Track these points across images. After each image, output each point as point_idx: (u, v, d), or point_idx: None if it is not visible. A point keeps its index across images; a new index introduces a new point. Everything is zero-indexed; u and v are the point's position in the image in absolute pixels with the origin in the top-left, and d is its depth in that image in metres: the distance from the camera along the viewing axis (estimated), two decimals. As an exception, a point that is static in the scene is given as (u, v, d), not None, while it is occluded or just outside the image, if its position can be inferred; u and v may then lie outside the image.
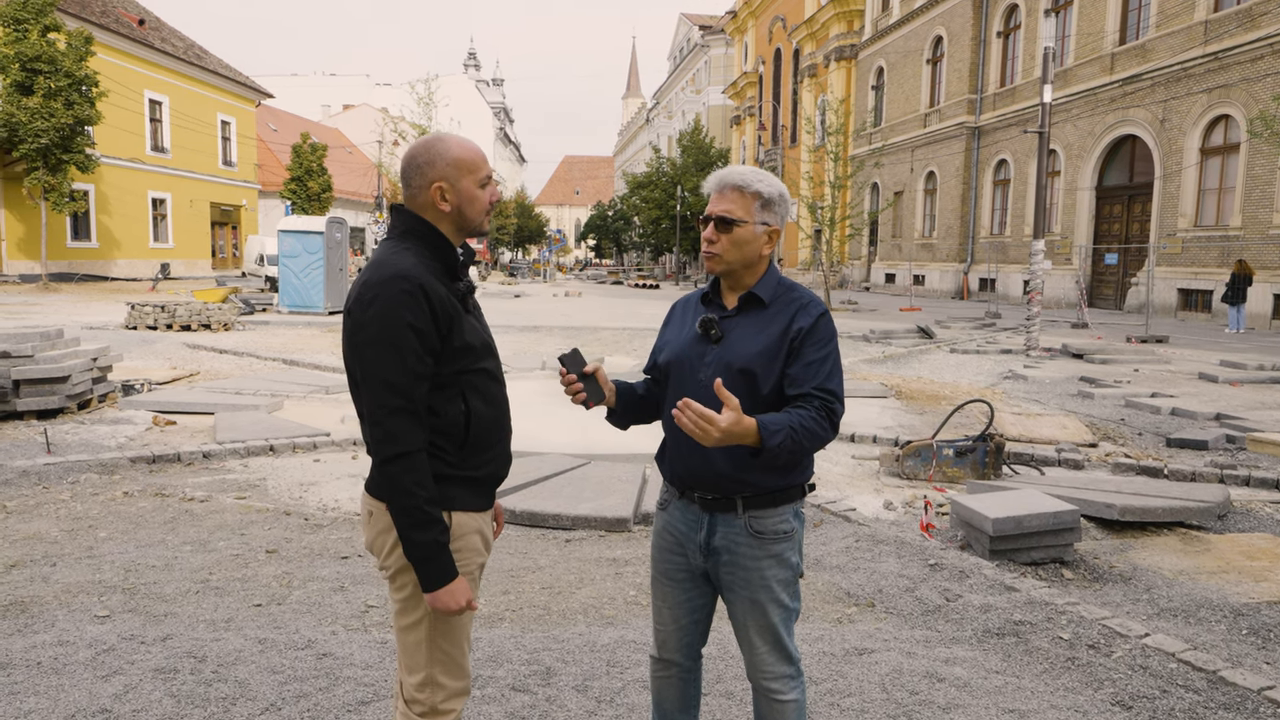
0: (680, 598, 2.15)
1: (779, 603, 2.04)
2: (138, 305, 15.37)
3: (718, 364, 2.00)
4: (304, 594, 3.93)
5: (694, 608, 2.16)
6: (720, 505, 2.03)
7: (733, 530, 2.02)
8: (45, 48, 23.61)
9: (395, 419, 1.80)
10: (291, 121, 55.90)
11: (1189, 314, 21.63)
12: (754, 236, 2.02)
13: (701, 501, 2.06)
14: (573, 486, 5.60)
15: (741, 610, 2.06)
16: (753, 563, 2.02)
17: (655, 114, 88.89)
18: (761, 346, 1.98)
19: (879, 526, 5.02)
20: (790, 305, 2.02)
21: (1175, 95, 22.11)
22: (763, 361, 1.97)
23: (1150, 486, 5.75)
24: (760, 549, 2.01)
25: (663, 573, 2.17)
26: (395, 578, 1.93)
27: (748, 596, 2.03)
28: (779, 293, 2.05)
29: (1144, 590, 4.13)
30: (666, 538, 2.15)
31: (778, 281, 2.07)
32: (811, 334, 1.97)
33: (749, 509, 2.01)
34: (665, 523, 2.16)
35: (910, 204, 36.33)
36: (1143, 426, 8.26)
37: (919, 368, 12.59)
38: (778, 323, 2.00)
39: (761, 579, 2.02)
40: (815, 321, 1.99)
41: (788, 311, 2.01)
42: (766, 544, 2.02)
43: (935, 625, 3.68)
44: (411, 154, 1.96)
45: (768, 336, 1.99)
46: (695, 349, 2.05)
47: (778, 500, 2.02)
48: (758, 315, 2.03)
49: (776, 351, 1.97)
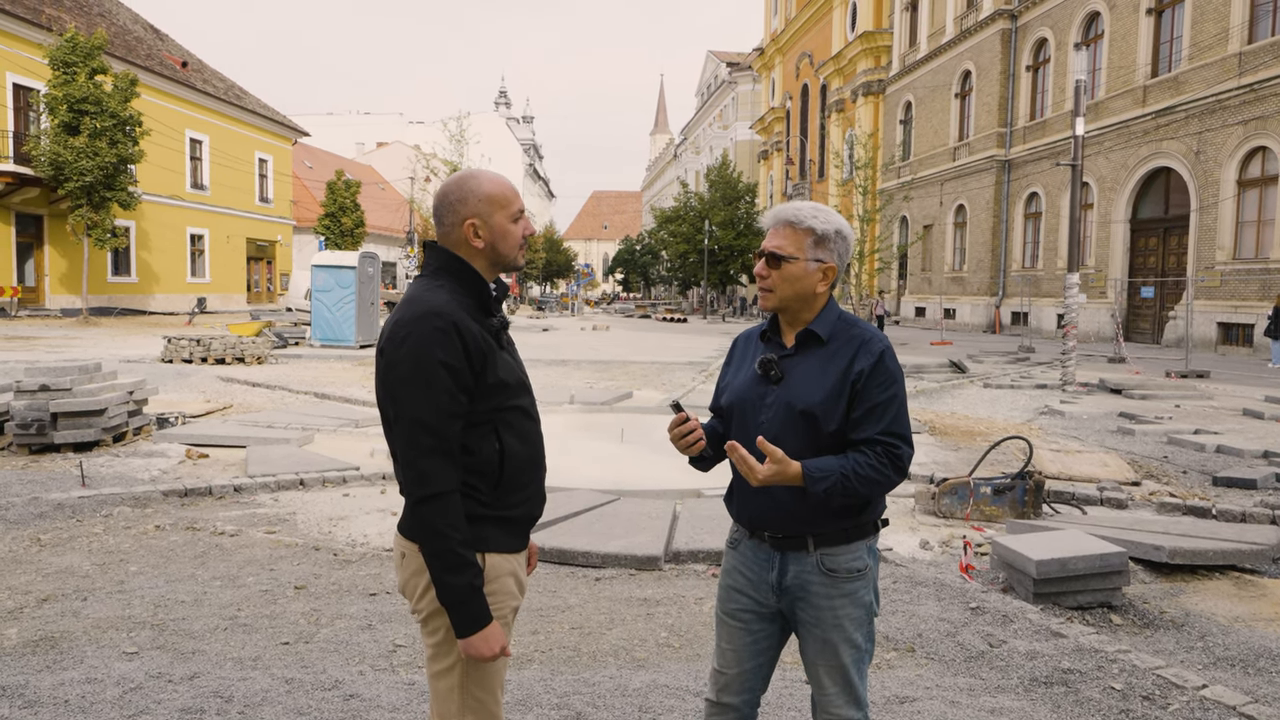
0: (746, 639, 2.09)
1: (851, 642, 1.98)
2: (174, 339, 15.62)
3: (778, 405, 1.96)
4: (332, 632, 3.88)
5: (759, 650, 2.09)
6: (791, 544, 1.99)
7: (804, 569, 1.98)
8: (92, 89, 24.37)
9: (428, 459, 1.76)
10: (327, 159, 57.13)
11: (1230, 348, 21.16)
12: (806, 273, 1.99)
13: (772, 540, 2.01)
14: (602, 523, 5.53)
15: (813, 649, 2.01)
16: (825, 601, 1.97)
17: (683, 149, 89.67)
18: (823, 388, 1.94)
19: (916, 567, 4.89)
20: (851, 343, 1.97)
21: (1210, 127, 21.86)
22: (825, 404, 1.93)
23: (1199, 527, 5.56)
24: (834, 587, 1.97)
25: (729, 613, 2.11)
26: (428, 622, 1.88)
27: (820, 635, 1.98)
28: (838, 329, 2.01)
29: (1198, 638, 3.96)
30: (736, 577, 2.10)
31: (838, 317, 2.03)
32: (874, 375, 1.93)
33: (820, 546, 1.97)
34: (735, 562, 2.11)
35: (940, 237, 36.13)
36: (1187, 464, 8.02)
37: (952, 403, 12.39)
38: (838, 361, 1.95)
39: (834, 618, 1.97)
40: (878, 361, 1.94)
41: (848, 350, 1.96)
42: (840, 582, 1.97)
43: (979, 673, 3.54)
44: (444, 191, 1.95)
45: (829, 377, 1.94)
46: (755, 390, 2.02)
47: (850, 537, 1.98)
48: (817, 353, 1.99)
49: (839, 393, 1.93)
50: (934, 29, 36.65)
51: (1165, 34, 24.22)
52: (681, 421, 2.01)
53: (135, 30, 35.46)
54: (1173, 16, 23.93)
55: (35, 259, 27.96)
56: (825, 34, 49.17)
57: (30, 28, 26.66)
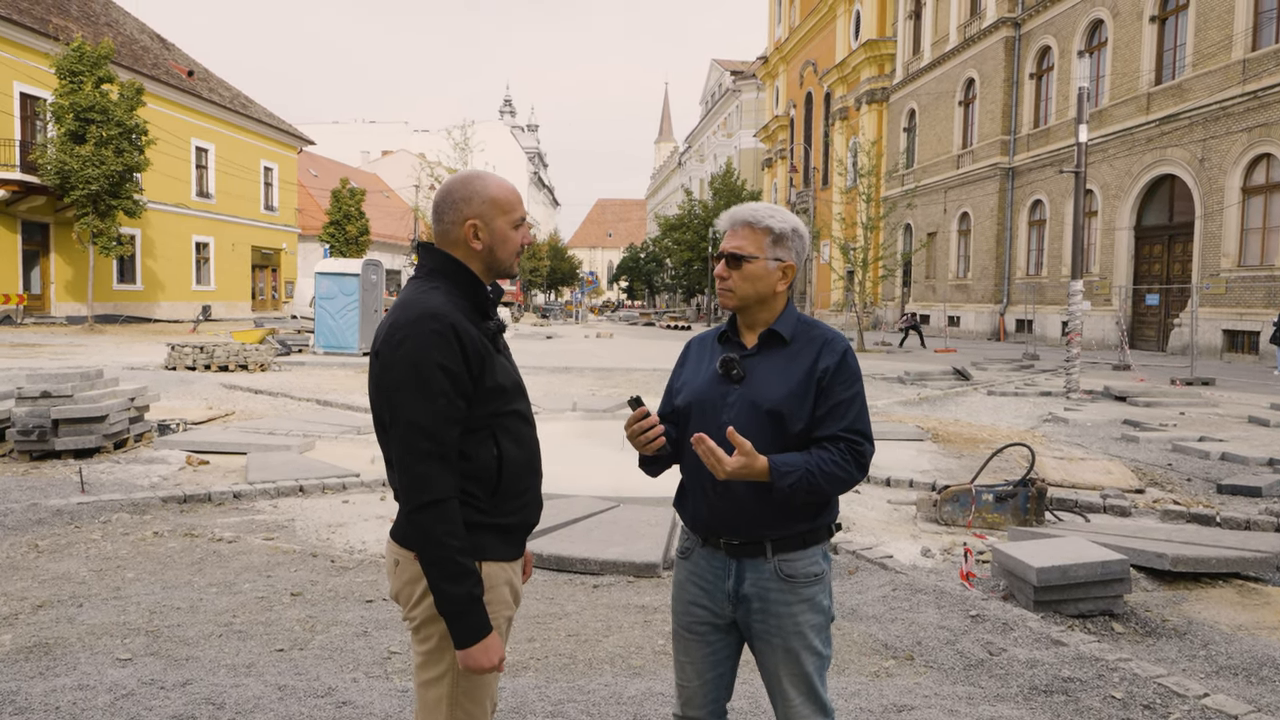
0: (704, 652, 2.06)
1: (812, 649, 1.95)
2: (177, 346, 15.64)
3: (742, 404, 1.94)
4: (326, 638, 3.86)
5: (718, 661, 2.06)
6: (748, 550, 1.95)
7: (762, 576, 1.94)
8: (99, 98, 24.48)
9: (425, 465, 1.72)
10: (332, 167, 57.31)
11: (1235, 355, 21.07)
12: (766, 272, 1.99)
13: (728, 547, 1.98)
14: (601, 530, 5.50)
15: (773, 660, 1.96)
16: (785, 609, 1.93)
17: (687, 157, 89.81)
18: (788, 387, 1.92)
19: (917, 575, 4.85)
20: (813, 342, 1.97)
21: (1214, 134, 21.82)
22: (790, 402, 1.91)
23: (1202, 535, 5.51)
24: (792, 594, 1.94)
25: (685, 626, 2.08)
26: (420, 629, 1.84)
27: (781, 645, 1.94)
28: (800, 330, 2.00)
29: (1200, 646, 3.92)
30: (690, 589, 2.06)
31: (798, 319, 2.03)
32: (839, 373, 1.93)
33: (778, 552, 1.93)
34: (688, 573, 2.07)
35: (944, 245, 36.09)
36: (1191, 472, 7.97)
37: (955, 410, 12.34)
38: (802, 361, 1.94)
39: (795, 625, 1.93)
40: (841, 359, 1.94)
41: (811, 349, 1.96)
42: (798, 588, 1.94)
43: (979, 681, 3.51)
44: (448, 188, 1.90)
45: (793, 375, 1.93)
46: (716, 389, 1.99)
47: (807, 541, 1.95)
48: (780, 353, 1.98)
49: (804, 391, 1.91)
50: (937, 37, 36.70)
51: (1169, 41, 24.21)
52: (641, 417, 1.97)
53: (142, 40, 35.66)
54: (1176, 24, 23.93)
55: (41, 267, 28.06)
56: (829, 42, 49.27)
57: (37, 37, 26.82)
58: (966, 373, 16.57)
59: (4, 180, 25.35)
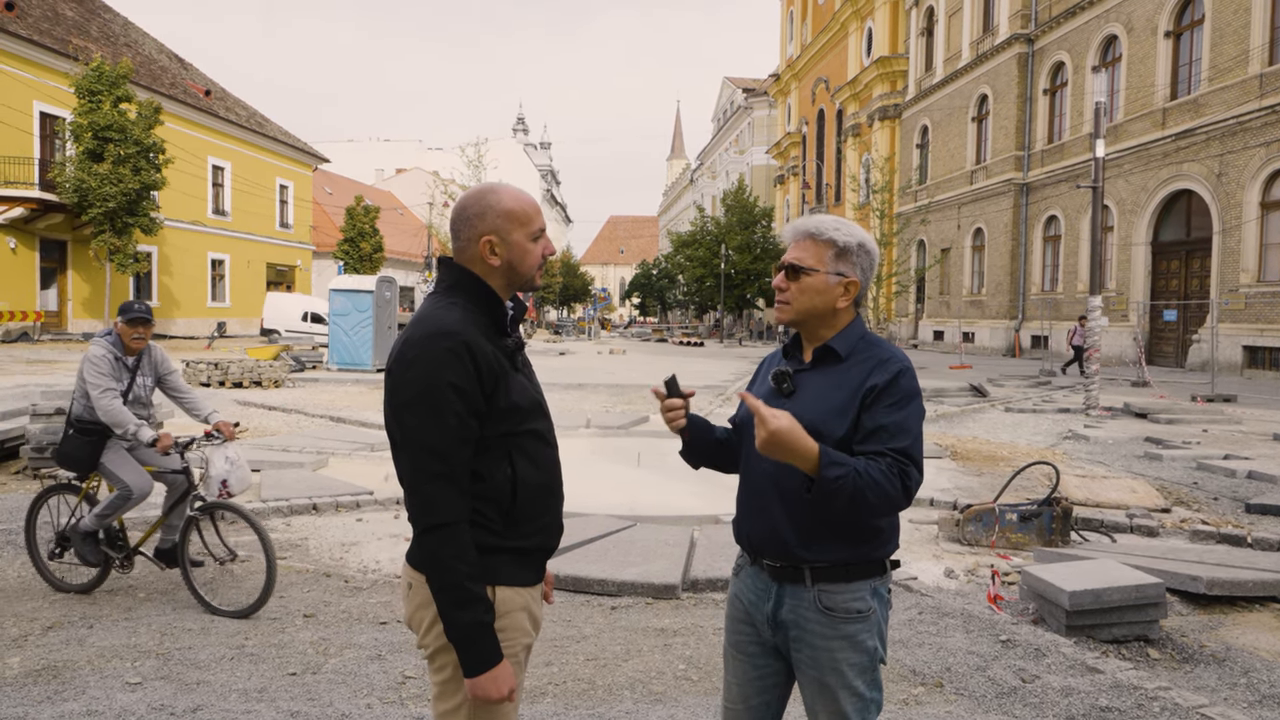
0: (751, 674, 1.96)
1: (852, 690, 1.83)
2: (192, 363, 15.67)
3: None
4: (340, 662, 3.78)
5: (765, 687, 1.96)
6: (788, 574, 1.86)
7: (801, 604, 1.85)
8: (117, 117, 24.74)
9: (434, 486, 1.67)
10: (346, 185, 57.74)
11: (1256, 371, 20.79)
12: (826, 287, 1.89)
13: (770, 569, 1.89)
14: (618, 550, 5.41)
15: (810, 693, 1.87)
16: (822, 642, 1.83)
17: (699, 174, 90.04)
18: (830, 403, 1.83)
19: (942, 597, 4.73)
20: (868, 361, 1.86)
21: (1231, 149, 21.65)
22: (829, 418, 1.81)
23: (1234, 556, 5.37)
24: (831, 628, 1.83)
25: (734, 644, 2.00)
26: (434, 657, 1.78)
27: (816, 678, 1.84)
28: (858, 347, 1.89)
29: (1241, 674, 3.78)
30: (737, 605, 1.99)
31: (860, 336, 1.92)
32: (887, 392, 1.80)
33: (818, 581, 1.83)
34: (736, 590, 2.00)
35: (958, 261, 35.92)
36: (1218, 490, 7.81)
37: (973, 427, 12.19)
38: (852, 378, 1.84)
39: (832, 661, 1.83)
40: (893, 379, 1.81)
41: (864, 367, 1.85)
42: (838, 623, 1.83)
43: (1012, 710, 3.39)
44: (462, 204, 1.85)
45: (840, 393, 1.84)
46: (770, 404, 1.91)
47: (851, 575, 1.84)
48: (833, 370, 1.88)
49: (845, 408, 1.81)
50: (950, 53, 36.68)
51: (1184, 56, 24.08)
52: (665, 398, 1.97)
53: (160, 60, 36.09)
54: (1191, 39, 23.80)
55: (59, 284, 28.29)
56: (841, 59, 49.36)
57: (58, 57, 27.17)
58: (983, 389, 16.39)
59: (23, 198, 25.61)
